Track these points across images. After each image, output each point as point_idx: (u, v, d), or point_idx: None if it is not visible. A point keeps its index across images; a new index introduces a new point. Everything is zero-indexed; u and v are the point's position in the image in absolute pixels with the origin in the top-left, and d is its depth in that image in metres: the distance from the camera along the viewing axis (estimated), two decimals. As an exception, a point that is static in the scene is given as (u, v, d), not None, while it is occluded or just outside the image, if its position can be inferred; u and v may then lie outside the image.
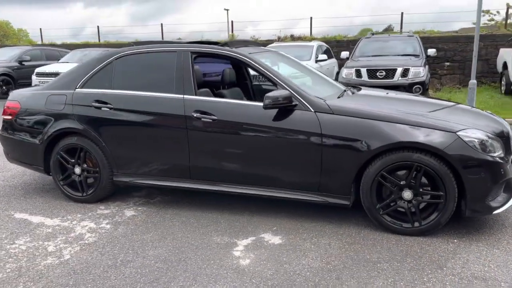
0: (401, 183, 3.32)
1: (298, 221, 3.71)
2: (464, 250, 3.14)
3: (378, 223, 3.46)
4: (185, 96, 3.81)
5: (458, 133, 3.22)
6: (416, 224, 3.35)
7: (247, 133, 3.63)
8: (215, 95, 4.18)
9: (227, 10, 26.13)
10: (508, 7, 16.86)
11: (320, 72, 4.75)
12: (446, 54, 13.66)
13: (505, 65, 11.60)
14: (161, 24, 20.25)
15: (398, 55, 10.01)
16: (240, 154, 3.69)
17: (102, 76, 4.13)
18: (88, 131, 4.07)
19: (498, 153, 3.28)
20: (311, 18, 17.64)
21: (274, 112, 3.55)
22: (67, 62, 14.43)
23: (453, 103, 4.30)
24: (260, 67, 3.75)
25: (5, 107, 4.52)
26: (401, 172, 3.37)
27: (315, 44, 11.53)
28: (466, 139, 3.20)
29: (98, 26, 21.31)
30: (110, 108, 3.99)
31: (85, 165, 4.22)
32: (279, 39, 16.67)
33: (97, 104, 4.04)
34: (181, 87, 3.85)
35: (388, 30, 21.35)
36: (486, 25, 18.22)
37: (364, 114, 3.39)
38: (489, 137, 3.29)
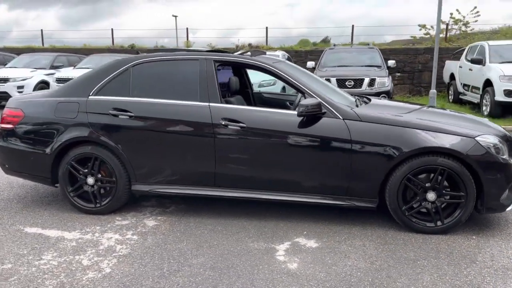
0: (426, 185, 3.57)
1: (324, 225, 3.84)
2: (486, 245, 3.44)
3: (403, 224, 3.68)
4: (210, 104, 3.83)
5: (476, 138, 3.53)
6: (439, 223, 3.61)
7: (276, 140, 3.71)
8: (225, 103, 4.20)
9: (176, 16, 25.75)
10: (446, 23, 18.32)
11: (329, 83, 4.94)
12: (397, 65, 14.51)
13: (452, 76, 12.59)
14: (112, 29, 19.68)
15: (362, 66, 10.53)
16: (269, 161, 3.76)
17: (118, 84, 4.02)
18: (104, 140, 3.93)
19: (506, 155, 3.63)
20: (266, 28, 18.09)
21: (304, 119, 3.67)
22: (15, 67, 13.62)
23: (460, 113, 4.63)
24: (286, 76, 3.87)
25: (4, 115, 4.24)
26: (422, 175, 3.63)
27: (280, 53, 11.85)
28: (483, 143, 3.51)
29: (42, 30, 20.40)
30: (130, 116, 3.90)
31: (99, 175, 4.06)
32: (237, 48, 16.83)
33: (115, 112, 3.92)
34: (206, 95, 3.86)
35: (326, 41, 22.43)
36: (422, 38, 19.61)
37: (391, 121, 3.61)
38: (500, 141, 3.63)
